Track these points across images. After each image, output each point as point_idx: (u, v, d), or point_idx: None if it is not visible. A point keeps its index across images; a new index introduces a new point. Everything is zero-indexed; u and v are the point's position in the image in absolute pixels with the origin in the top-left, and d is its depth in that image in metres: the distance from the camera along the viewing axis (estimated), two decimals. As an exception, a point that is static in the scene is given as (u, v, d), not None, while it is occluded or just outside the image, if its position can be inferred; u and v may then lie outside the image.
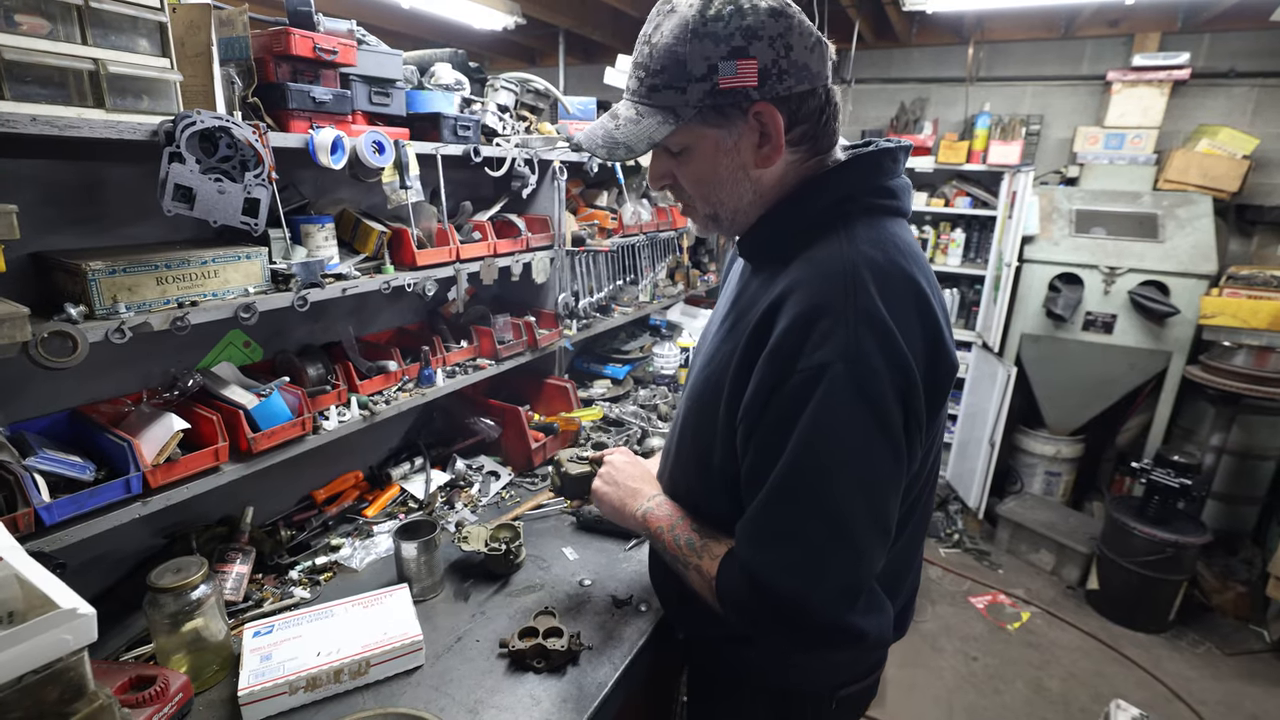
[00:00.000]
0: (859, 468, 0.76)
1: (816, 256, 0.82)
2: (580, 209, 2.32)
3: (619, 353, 2.66)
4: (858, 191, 0.86)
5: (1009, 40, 4.00)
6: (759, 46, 0.77)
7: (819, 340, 0.75)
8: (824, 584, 0.78)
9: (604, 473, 1.17)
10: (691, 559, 0.94)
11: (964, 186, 4.12)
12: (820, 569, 0.77)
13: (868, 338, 0.74)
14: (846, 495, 0.76)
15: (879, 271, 0.78)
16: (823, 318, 0.76)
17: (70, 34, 0.98)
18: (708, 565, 0.91)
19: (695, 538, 0.95)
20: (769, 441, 0.80)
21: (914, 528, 0.95)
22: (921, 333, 0.79)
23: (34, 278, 1.14)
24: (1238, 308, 3.06)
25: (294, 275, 1.28)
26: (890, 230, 0.85)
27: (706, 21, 0.77)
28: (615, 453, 1.21)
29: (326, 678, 1.10)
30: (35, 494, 1.00)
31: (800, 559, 0.78)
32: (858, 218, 0.85)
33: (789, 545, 0.79)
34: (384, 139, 1.40)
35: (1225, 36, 3.53)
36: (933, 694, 2.73)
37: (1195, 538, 2.99)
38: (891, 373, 0.75)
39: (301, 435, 1.36)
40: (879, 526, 0.79)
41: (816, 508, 0.77)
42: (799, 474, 0.77)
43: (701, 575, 0.92)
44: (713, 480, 0.94)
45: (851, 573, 0.78)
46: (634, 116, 0.84)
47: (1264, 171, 3.54)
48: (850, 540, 0.77)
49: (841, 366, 0.74)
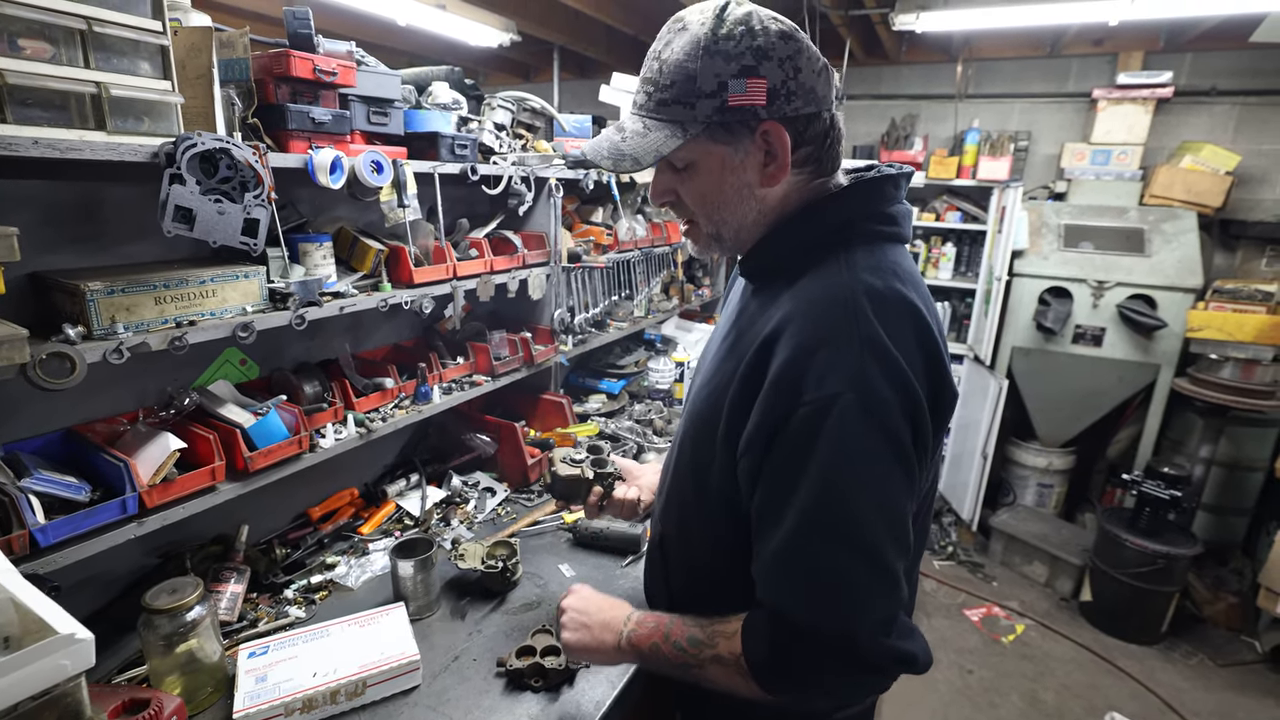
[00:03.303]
0: (880, 494, 0.76)
1: (815, 284, 0.82)
2: (576, 225, 2.33)
3: (614, 368, 2.67)
4: (859, 217, 0.87)
5: (997, 58, 4.07)
6: (769, 67, 0.78)
7: (823, 371, 0.75)
8: (869, 616, 0.76)
9: (567, 620, 1.05)
10: (705, 653, 0.88)
11: (954, 201, 4.17)
12: (863, 602, 0.76)
13: (872, 365, 0.74)
14: (873, 524, 0.76)
15: (879, 298, 0.79)
16: (824, 348, 0.76)
17: (73, 57, 0.99)
18: (726, 648, 0.85)
19: (698, 632, 0.90)
20: (782, 477, 0.79)
21: (915, 545, 0.94)
22: (922, 358, 0.79)
23: (32, 298, 1.14)
24: (1224, 321, 3.11)
25: (292, 294, 1.28)
26: (890, 256, 0.86)
27: (718, 40, 0.78)
28: (569, 595, 1.09)
29: (323, 699, 1.10)
30: (30, 515, 1.00)
31: (841, 595, 0.76)
32: (858, 244, 0.85)
33: (827, 583, 0.77)
34: (382, 158, 1.41)
35: (1207, 56, 3.61)
36: (928, 708, 2.72)
37: (1186, 549, 3.01)
38: (899, 397, 0.75)
39: (298, 453, 1.36)
40: (902, 550, 0.78)
41: (848, 542, 0.75)
42: (824, 509, 0.76)
43: (722, 664, 0.86)
44: (710, 500, 0.93)
45: (892, 601, 0.77)
46: (641, 130, 0.84)
47: (1246, 187, 3.61)
48: (886, 568, 0.76)
49: (851, 396, 0.73)
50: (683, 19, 0.82)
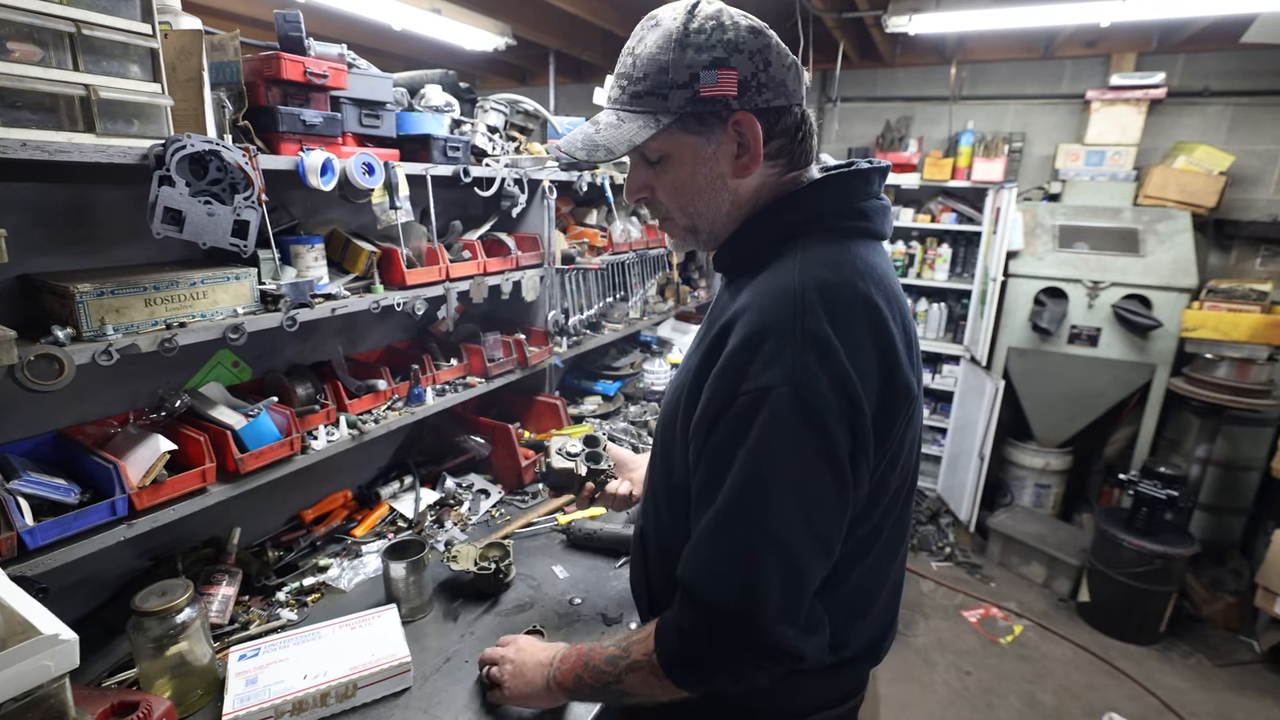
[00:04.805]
0: (801, 490, 0.77)
1: (771, 276, 0.83)
2: (570, 227, 2.34)
3: (609, 369, 2.67)
4: (827, 212, 0.87)
5: (990, 60, 4.09)
6: (739, 59, 0.80)
7: (765, 362, 0.76)
8: (768, 604, 0.78)
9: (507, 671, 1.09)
10: (621, 665, 0.91)
11: (949, 203, 4.18)
12: (764, 589, 0.78)
13: (813, 361, 0.74)
14: (788, 518, 0.77)
15: (829, 292, 0.78)
16: (769, 339, 0.76)
17: (62, 60, 0.99)
18: (639, 651, 0.89)
19: (613, 650, 0.93)
20: (715, 463, 0.81)
21: (883, 549, 0.93)
22: (875, 355, 0.79)
23: (20, 299, 1.14)
24: (1218, 320, 3.12)
25: (283, 295, 1.29)
26: (853, 252, 0.85)
27: (690, 33, 0.80)
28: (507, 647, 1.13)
29: (313, 701, 1.09)
30: (18, 518, 0.99)
31: (746, 578, 0.78)
32: (818, 238, 0.86)
33: (735, 565, 0.79)
34: (374, 160, 1.41)
35: (1199, 57, 3.62)
36: (926, 709, 2.71)
37: (1183, 549, 3.01)
38: (836, 396, 0.75)
39: (290, 455, 1.35)
40: (820, 547, 0.80)
41: (760, 530, 0.78)
42: (741, 496, 0.78)
43: (637, 670, 0.89)
44: (675, 495, 0.94)
45: (795, 592, 0.79)
46: (614, 121, 0.86)
47: (1240, 187, 3.63)
48: (793, 561, 0.78)
49: (786, 390, 0.74)
50: (655, 16, 0.84)
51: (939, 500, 4.24)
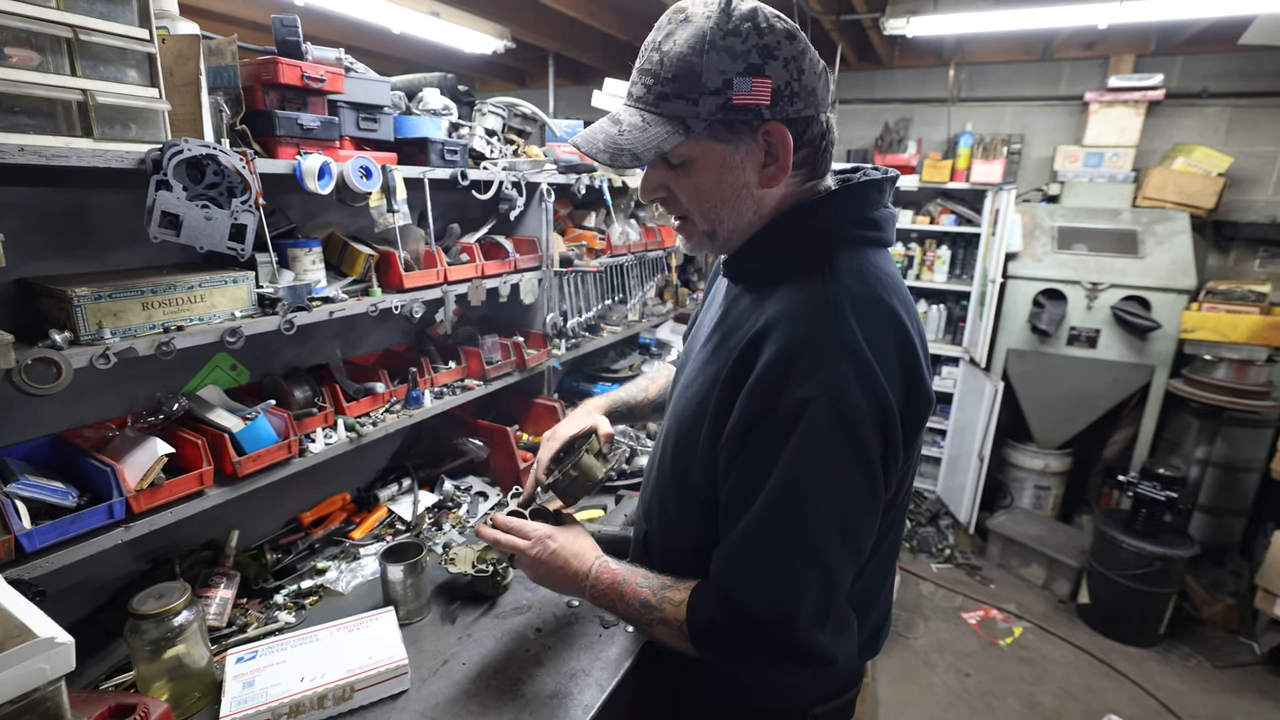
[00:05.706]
0: (838, 499, 0.79)
1: (801, 288, 0.83)
2: (568, 230, 2.34)
3: (608, 371, 2.67)
4: (843, 222, 0.88)
5: (988, 62, 4.09)
6: (774, 66, 0.77)
7: (803, 375, 0.77)
8: (804, 610, 0.80)
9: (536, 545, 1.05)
10: (653, 615, 0.93)
11: (948, 204, 4.19)
12: (800, 597, 0.80)
13: (849, 373, 0.76)
14: (826, 527, 0.79)
15: (860, 304, 0.80)
16: (806, 352, 0.78)
17: (59, 65, 1.00)
18: (672, 614, 0.91)
19: (648, 595, 0.95)
20: (751, 472, 0.81)
21: (888, 547, 0.97)
22: (900, 365, 0.80)
23: (18, 303, 1.15)
24: (1217, 322, 3.12)
25: (281, 299, 1.29)
26: (873, 261, 0.87)
27: (725, 35, 0.76)
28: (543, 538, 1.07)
29: (310, 704, 1.09)
30: (15, 521, 1.00)
31: (782, 587, 0.80)
32: (841, 249, 0.86)
33: (771, 574, 0.81)
34: (371, 164, 1.42)
35: (1197, 59, 3.63)
36: (925, 711, 2.71)
37: (1183, 550, 3.01)
38: (871, 407, 0.77)
39: (287, 458, 1.36)
40: (853, 553, 0.83)
41: (797, 539, 0.79)
42: (781, 506, 0.79)
43: (668, 626, 0.92)
44: (687, 498, 0.96)
45: (826, 598, 0.82)
46: (640, 124, 0.81)
47: (1238, 189, 3.63)
48: (828, 568, 0.80)
49: (824, 402, 0.75)
50: (685, 10, 0.80)
51: (939, 502, 4.24)
